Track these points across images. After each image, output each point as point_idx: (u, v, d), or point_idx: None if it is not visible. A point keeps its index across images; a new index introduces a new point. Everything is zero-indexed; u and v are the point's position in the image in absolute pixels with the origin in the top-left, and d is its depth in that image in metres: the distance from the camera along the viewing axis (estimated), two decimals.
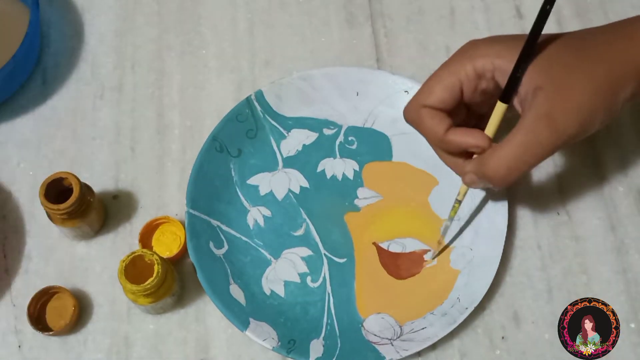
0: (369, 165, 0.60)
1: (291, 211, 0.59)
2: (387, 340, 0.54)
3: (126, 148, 0.61)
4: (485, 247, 0.56)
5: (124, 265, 0.51)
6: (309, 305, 0.56)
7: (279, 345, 0.53)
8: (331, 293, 0.56)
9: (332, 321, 0.55)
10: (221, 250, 0.57)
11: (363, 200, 0.59)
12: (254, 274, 0.57)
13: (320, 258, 0.57)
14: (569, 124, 0.46)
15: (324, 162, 0.60)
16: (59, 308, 0.55)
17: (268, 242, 0.58)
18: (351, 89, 0.61)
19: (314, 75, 0.61)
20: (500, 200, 0.56)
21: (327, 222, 0.58)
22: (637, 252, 0.57)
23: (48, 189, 0.54)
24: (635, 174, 0.60)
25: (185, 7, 0.67)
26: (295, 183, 0.60)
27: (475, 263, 0.56)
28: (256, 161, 0.60)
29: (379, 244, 0.58)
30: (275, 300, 0.56)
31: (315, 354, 0.53)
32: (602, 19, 0.65)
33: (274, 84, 0.61)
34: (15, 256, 0.58)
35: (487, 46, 0.49)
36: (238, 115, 0.60)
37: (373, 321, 0.55)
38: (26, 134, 0.62)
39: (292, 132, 0.61)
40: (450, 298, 0.55)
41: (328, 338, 0.54)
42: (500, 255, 0.54)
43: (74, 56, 0.65)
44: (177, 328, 0.56)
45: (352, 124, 0.61)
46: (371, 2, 0.67)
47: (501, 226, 0.55)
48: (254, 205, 0.59)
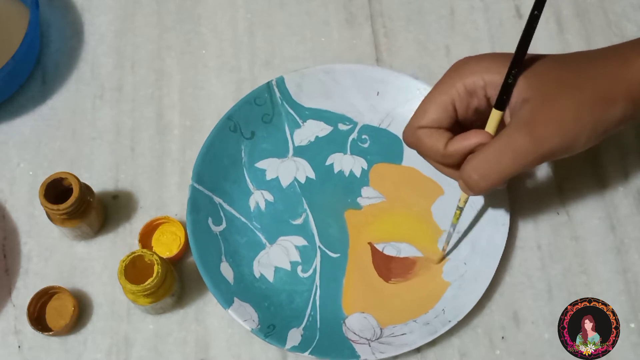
0: (377, 165, 0.60)
1: (293, 199, 0.59)
2: (365, 340, 0.54)
3: (126, 148, 0.61)
4: (480, 263, 0.55)
5: (124, 265, 0.51)
6: (295, 294, 0.56)
7: (258, 327, 0.53)
8: (319, 285, 0.56)
9: (315, 313, 0.55)
10: (219, 227, 0.57)
11: (366, 200, 0.59)
12: (247, 255, 0.57)
13: (314, 250, 0.57)
14: (548, 135, 0.45)
15: (333, 157, 0.60)
16: (59, 308, 0.55)
17: (266, 227, 0.58)
18: (372, 88, 0.61)
19: (336, 70, 0.61)
20: (502, 219, 0.56)
21: (326, 215, 0.59)
22: (637, 252, 0.57)
23: (48, 189, 0.54)
24: (635, 174, 0.60)
25: (185, 7, 0.67)
26: (302, 173, 0.60)
27: (467, 277, 0.55)
28: (267, 146, 0.61)
29: (374, 245, 0.58)
30: (263, 284, 0.56)
31: (292, 343, 0.53)
32: (602, 19, 0.65)
33: (297, 73, 0.61)
34: (15, 256, 0.58)
35: (476, 63, 0.49)
36: (256, 98, 0.60)
37: (355, 319, 0.55)
38: (26, 134, 0.62)
39: (307, 123, 0.61)
40: (435, 308, 0.55)
41: (308, 329, 0.54)
42: (493, 274, 0.54)
43: (74, 56, 0.65)
44: (177, 328, 0.56)
45: (368, 123, 0.61)
46: (371, 2, 0.67)
47: (498, 246, 0.55)
48: (258, 188, 0.59)
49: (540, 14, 0.45)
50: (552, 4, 0.66)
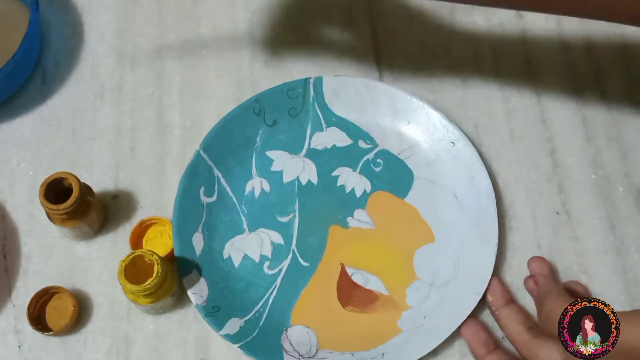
0: (380, 192, 0.59)
1: (287, 197, 0.59)
2: (297, 354, 0.53)
3: (126, 148, 0.61)
4: (439, 321, 0.54)
5: (124, 265, 0.51)
6: (253, 287, 0.56)
7: (203, 304, 0.54)
8: (278, 286, 0.56)
9: (264, 311, 0.55)
10: (209, 199, 0.58)
11: (355, 221, 0.59)
12: (223, 234, 0.58)
13: (287, 251, 0.57)
14: None
15: (342, 170, 0.60)
16: (59, 308, 0.55)
17: (252, 213, 0.58)
18: (405, 116, 0.61)
19: (377, 87, 0.61)
20: (477, 288, 0.54)
21: (312, 223, 0.58)
22: (637, 252, 0.57)
23: (48, 189, 0.53)
24: (635, 174, 0.60)
25: (185, 7, 0.67)
26: (306, 175, 0.60)
27: (421, 331, 0.54)
28: (284, 138, 0.61)
29: (345, 267, 0.57)
30: (227, 267, 0.57)
31: (227, 330, 0.53)
32: None
33: (337, 78, 0.61)
34: (15, 256, 0.58)
35: None
36: (289, 90, 0.61)
37: (297, 331, 0.55)
38: (26, 133, 0.62)
39: (330, 129, 0.61)
40: (376, 349, 0.54)
41: (249, 323, 0.54)
42: (447, 335, 0.53)
43: (74, 56, 0.65)
44: (177, 328, 0.56)
45: (388, 149, 0.61)
46: (371, 3, 0.67)
47: (463, 312, 0.53)
48: (260, 175, 0.60)
49: None
50: None
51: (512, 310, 0.53)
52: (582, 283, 0.56)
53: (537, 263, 0.55)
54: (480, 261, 0.55)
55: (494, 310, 0.54)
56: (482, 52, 0.65)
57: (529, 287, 0.54)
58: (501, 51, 0.65)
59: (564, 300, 0.48)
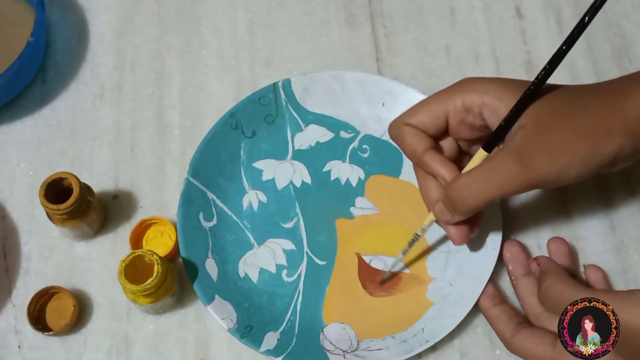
0: (374, 177, 0.60)
1: (286, 202, 0.59)
2: (340, 351, 0.53)
3: (126, 148, 0.62)
4: (465, 287, 0.55)
5: (124, 265, 0.51)
6: (277, 298, 0.56)
7: (235, 327, 0.53)
8: (302, 291, 0.56)
9: (295, 319, 0.55)
10: (209, 223, 0.57)
11: (359, 210, 0.59)
12: (233, 254, 0.57)
13: (301, 255, 0.57)
14: (539, 163, 0.45)
15: (332, 163, 0.60)
16: (59, 308, 0.55)
17: (256, 227, 0.58)
18: (379, 98, 0.61)
19: (346, 77, 0.61)
20: (493, 244, 0.55)
21: (317, 222, 0.58)
22: (637, 252, 0.57)
23: (48, 189, 0.54)
24: (635, 174, 0.60)
25: (185, 7, 0.67)
26: (299, 177, 0.60)
27: (450, 299, 0.55)
28: (267, 146, 0.61)
29: (361, 256, 0.57)
30: (246, 284, 0.56)
31: (267, 346, 0.53)
32: (602, 19, 0.65)
33: (305, 76, 0.61)
34: (15, 256, 0.58)
35: (480, 83, 0.49)
36: (261, 98, 0.60)
37: (334, 329, 0.55)
38: (26, 134, 0.62)
39: (309, 127, 0.61)
40: (414, 327, 0.54)
41: (285, 334, 0.54)
42: (475, 300, 0.53)
43: (74, 56, 0.65)
44: (177, 328, 0.56)
45: (370, 133, 0.61)
46: (371, 2, 0.67)
47: (486, 272, 0.54)
48: (253, 188, 0.59)
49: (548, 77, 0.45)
50: (552, 4, 0.66)
51: (531, 283, 0.54)
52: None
53: (556, 243, 0.56)
54: (487, 219, 0.55)
55: (512, 279, 0.55)
56: (482, 52, 0.65)
57: (532, 269, 0.54)
58: (501, 51, 0.65)
59: (562, 279, 0.49)
